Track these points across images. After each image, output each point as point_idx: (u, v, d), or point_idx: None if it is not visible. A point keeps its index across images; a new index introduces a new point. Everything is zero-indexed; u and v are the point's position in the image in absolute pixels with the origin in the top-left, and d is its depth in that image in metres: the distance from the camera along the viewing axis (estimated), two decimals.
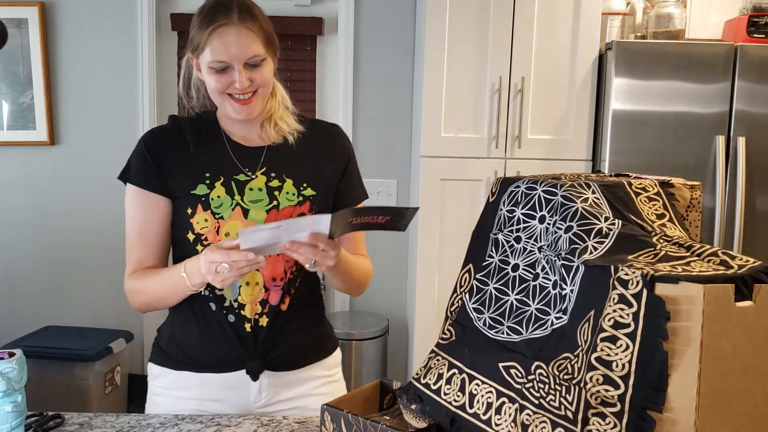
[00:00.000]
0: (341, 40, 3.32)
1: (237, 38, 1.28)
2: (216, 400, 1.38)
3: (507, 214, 1.09)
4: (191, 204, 1.34)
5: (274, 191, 1.36)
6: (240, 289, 1.35)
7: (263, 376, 1.38)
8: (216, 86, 1.32)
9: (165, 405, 1.40)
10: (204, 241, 1.34)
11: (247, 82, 1.30)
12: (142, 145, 1.39)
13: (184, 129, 1.40)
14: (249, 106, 1.34)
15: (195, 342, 1.39)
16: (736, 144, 2.79)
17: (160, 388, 1.43)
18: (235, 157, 1.39)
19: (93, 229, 3.36)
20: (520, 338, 0.99)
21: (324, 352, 1.48)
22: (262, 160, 1.39)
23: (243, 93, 1.32)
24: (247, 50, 1.29)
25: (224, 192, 1.34)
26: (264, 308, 1.37)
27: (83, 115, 3.34)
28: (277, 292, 1.37)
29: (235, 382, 1.38)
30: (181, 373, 1.39)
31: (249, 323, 1.37)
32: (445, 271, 2.99)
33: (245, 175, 1.37)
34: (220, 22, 1.28)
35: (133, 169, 1.38)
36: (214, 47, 1.29)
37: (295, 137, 1.42)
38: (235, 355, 1.37)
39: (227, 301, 1.36)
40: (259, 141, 1.42)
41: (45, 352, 2.90)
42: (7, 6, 3.23)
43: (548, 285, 0.98)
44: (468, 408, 0.99)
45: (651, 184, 1.08)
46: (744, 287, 0.83)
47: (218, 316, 1.36)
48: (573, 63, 2.93)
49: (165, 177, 1.36)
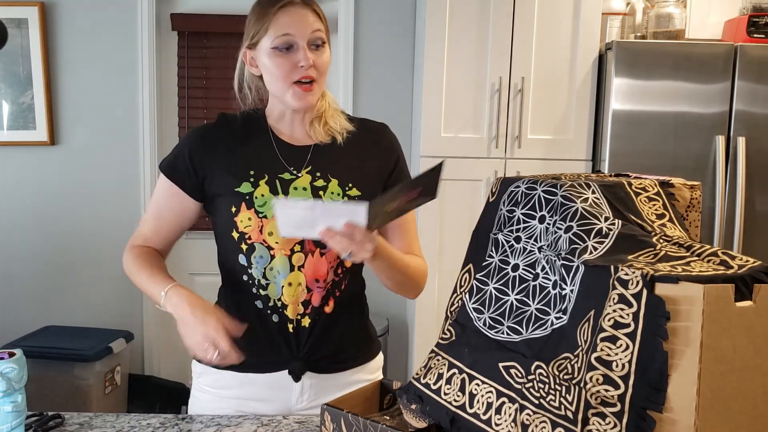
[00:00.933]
0: (341, 40, 3.32)
1: (302, 15, 1.31)
2: (257, 400, 1.38)
3: (507, 214, 1.09)
4: (235, 202, 1.34)
5: (319, 191, 1.36)
6: (282, 289, 1.35)
7: (305, 377, 1.38)
8: (281, 71, 1.32)
9: (206, 402, 1.41)
10: (248, 240, 1.34)
11: (311, 62, 1.31)
12: (186, 145, 1.40)
13: (233, 126, 1.41)
14: (311, 93, 1.34)
15: (238, 342, 1.37)
16: (736, 144, 2.79)
17: (203, 385, 1.43)
18: (281, 155, 1.38)
19: (93, 229, 3.36)
20: (520, 338, 0.99)
21: (368, 355, 1.48)
22: (308, 159, 1.39)
23: (307, 77, 1.32)
24: (312, 26, 1.32)
25: (268, 191, 1.34)
26: (306, 309, 1.37)
27: (83, 115, 3.34)
28: (319, 293, 1.37)
29: (277, 383, 1.38)
30: (224, 372, 1.39)
31: (291, 324, 1.36)
32: (445, 271, 2.99)
33: (290, 174, 1.37)
34: (285, 1, 1.31)
35: (171, 162, 1.41)
36: (279, 24, 1.30)
37: (344, 137, 1.42)
38: (278, 356, 1.37)
39: (272, 301, 1.36)
40: (307, 140, 1.41)
41: (45, 352, 2.89)
42: (7, 6, 3.22)
43: (548, 285, 0.98)
44: (468, 408, 0.99)
45: (651, 184, 1.08)
46: (744, 287, 0.83)
47: (263, 314, 1.36)
48: (573, 63, 2.93)
49: (201, 179, 1.38)
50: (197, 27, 3.32)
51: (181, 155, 1.39)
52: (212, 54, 3.34)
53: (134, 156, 3.35)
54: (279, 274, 1.34)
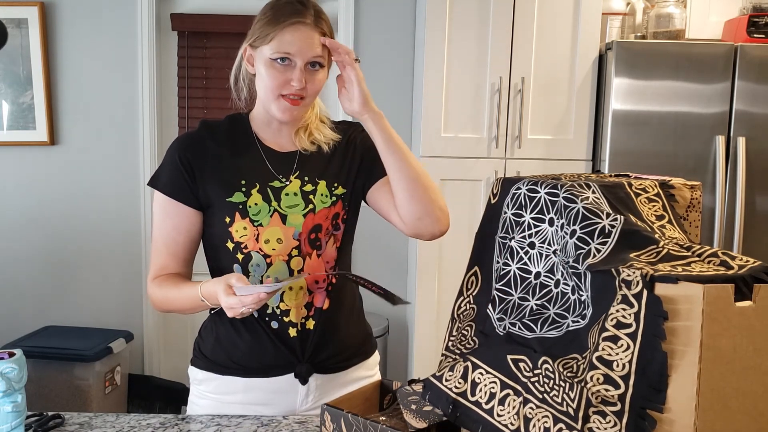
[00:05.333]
0: (341, 40, 3.32)
1: (308, 37, 1.31)
2: (262, 404, 1.38)
3: (513, 218, 1.09)
4: (228, 212, 1.33)
5: (309, 195, 1.37)
6: (282, 295, 1.35)
7: (312, 378, 1.38)
8: (273, 83, 1.32)
9: (208, 408, 1.39)
10: (244, 249, 1.34)
11: (303, 83, 1.31)
12: (175, 153, 1.37)
13: (217, 134, 1.39)
14: (296, 108, 1.34)
15: (242, 348, 1.38)
16: (736, 144, 2.79)
17: (204, 392, 1.41)
18: (269, 163, 1.39)
19: (93, 228, 3.36)
20: (533, 335, 0.99)
21: (367, 351, 1.49)
22: (295, 165, 1.40)
23: (296, 95, 1.32)
24: (314, 50, 1.31)
25: (261, 199, 1.34)
26: (310, 311, 1.37)
27: (83, 115, 3.34)
28: (321, 293, 1.38)
29: (283, 386, 1.38)
30: (227, 378, 1.38)
31: (295, 328, 1.36)
32: (445, 271, 2.99)
33: (279, 181, 1.37)
34: (297, 19, 1.30)
35: (165, 177, 1.37)
36: (283, 40, 1.30)
37: (330, 147, 1.43)
38: (284, 360, 1.37)
39: (269, 308, 1.35)
40: (291, 146, 1.42)
41: (45, 352, 2.89)
42: (7, 6, 3.22)
43: (568, 291, 0.99)
44: (470, 396, 0.99)
45: (651, 185, 1.08)
46: (744, 287, 0.83)
47: (261, 323, 1.36)
48: (573, 63, 2.93)
49: (197, 187, 1.35)
50: (197, 27, 3.32)
51: (173, 166, 1.36)
52: (212, 54, 3.34)
53: (134, 156, 3.35)
54: (278, 280, 1.34)
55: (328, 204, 1.37)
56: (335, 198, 1.39)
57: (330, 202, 1.38)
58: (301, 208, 1.36)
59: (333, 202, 1.38)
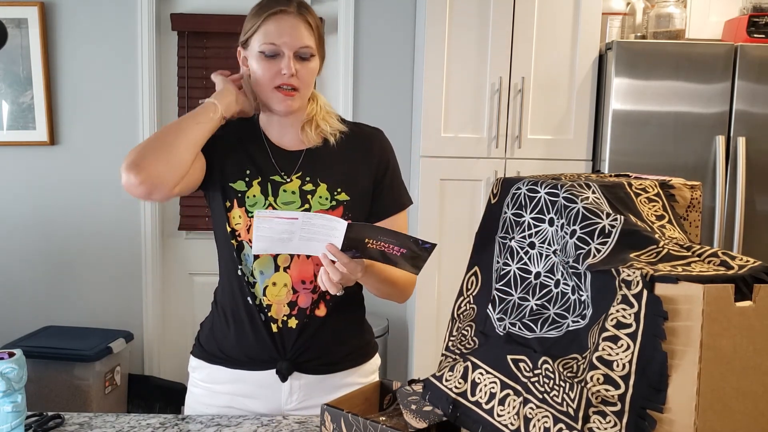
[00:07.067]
0: (341, 40, 3.32)
1: (293, 26, 1.32)
2: (248, 397, 1.40)
3: (513, 218, 1.09)
4: (229, 197, 1.37)
5: (307, 195, 1.37)
6: (266, 289, 1.36)
7: (293, 378, 1.39)
8: (265, 75, 1.33)
9: (201, 396, 1.43)
10: (237, 237, 1.37)
11: (293, 70, 1.32)
12: None
13: (228, 127, 1.41)
14: (292, 99, 1.35)
15: (230, 338, 1.41)
16: (736, 144, 2.79)
17: (197, 380, 1.46)
18: (273, 159, 1.40)
19: (93, 229, 3.36)
20: (533, 335, 0.99)
21: (362, 357, 1.47)
22: (299, 164, 1.40)
23: (288, 84, 1.33)
24: (301, 39, 1.32)
25: (259, 191, 1.37)
26: (293, 310, 1.37)
27: (83, 115, 3.34)
28: (306, 295, 1.37)
29: (265, 381, 1.39)
30: (216, 367, 1.42)
31: (275, 324, 1.37)
32: (445, 271, 2.99)
33: (281, 177, 1.39)
34: (279, 8, 1.31)
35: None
36: (268, 31, 1.31)
37: (336, 138, 1.42)
38: (266, 354, 1.38)
39: (258, 299, 1.37)
40: (299, 144, 1.42)
41: (45, 352, 2.89)
42: (7, 6, 3.22)
43: (568, 291, 0.99)
44: (470, 396, 0.99)
45: (651, 185, 1.08)
46: (744, 287, 0.83)
47: (252, 312, 1.37)
48: (573, 63, 2.93)
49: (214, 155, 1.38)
50: (197, 27, 3.32)
51: None
52: (212, 54, 3.34)
53: None
54: (262, 274, 1.36)
55: (327, 207, 1.37)
56: (336, 203, 1.38)
57: (329, 206, 1.37)
58: (296, 205, 1.36)
59: (332, 206, 1.37)
